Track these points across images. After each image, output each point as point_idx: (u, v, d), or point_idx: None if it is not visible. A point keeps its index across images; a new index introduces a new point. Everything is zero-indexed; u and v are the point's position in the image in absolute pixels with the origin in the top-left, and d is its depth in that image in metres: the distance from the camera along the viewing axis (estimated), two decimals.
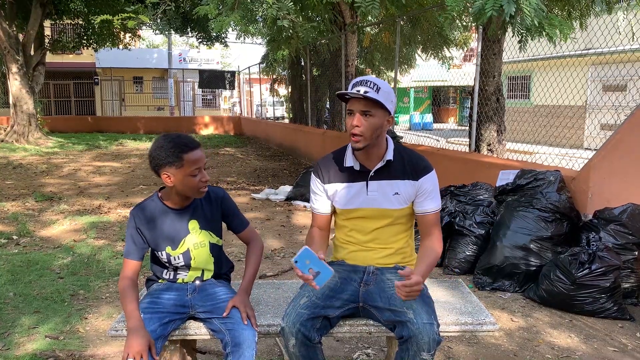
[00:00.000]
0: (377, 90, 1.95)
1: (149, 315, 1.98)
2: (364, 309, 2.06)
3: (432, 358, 1.90)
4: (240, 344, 1.93)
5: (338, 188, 2.13)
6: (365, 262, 2.15)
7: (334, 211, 2.21)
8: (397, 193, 2.07)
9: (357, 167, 2.09)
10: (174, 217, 2.09)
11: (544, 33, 4.50)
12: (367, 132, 1.97)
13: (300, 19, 8.12)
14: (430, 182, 2.10)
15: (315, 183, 2.19)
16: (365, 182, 2.08)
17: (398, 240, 2.16)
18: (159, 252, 2.11)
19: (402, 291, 1.84)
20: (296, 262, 1.88)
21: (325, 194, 2.16)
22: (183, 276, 2.16)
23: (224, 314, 2.00)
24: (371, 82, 1.97)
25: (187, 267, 2.14)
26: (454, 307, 2.25)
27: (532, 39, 5.43)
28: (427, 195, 2.10)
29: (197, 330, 2.09)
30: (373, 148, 2.05)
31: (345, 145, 2.16)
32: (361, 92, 1.93)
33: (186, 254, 2.11)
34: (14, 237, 5.09)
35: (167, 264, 2.14)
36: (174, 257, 2.10)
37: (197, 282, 2.17)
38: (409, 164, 2.09)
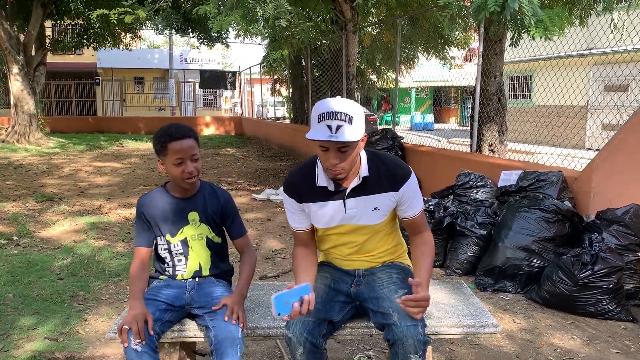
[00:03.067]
0: (351, 121, 1.79)
1: (148, 301, 2.04)
2: (361, 307, 2.07)
3: (423, 359, 1.86)
4: (223, 341, 1.94)
5: (314, 208, 2.02)
6: (353, 268, 2.15)
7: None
8: (377, 208, 2.00)
9: (331, 188, 1.98)
10: (176, 205, 2.17)
11: (540, 31, 4.44)
12: (347, 166, 1.88)
13: (299, 18, 8.09)
14: (411, 189, 2.00)
15: (290, 203, 2.06)
16: (342, 201, 1.99)
17: (383, 245, 2.13)
18: (160, 239, 2.16)
19: (409, 305, 1.79)
20: (279, 314, 1.76)
21: (302, 211, 2.06)
22: (182, 272, 2.18)
23: (214, 307, 2.02)
24: (343, 113, 1.78)
25: (186, 257, 2.17)
26: (455, 309, 2.23)
27: (532, 37, 5.40)
28: (410, 201, 2.02)
29: (196, 333, 2.08)
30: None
31: (314, 158, 2.03)
32: (332, 132, 1.78)
33: (184, 242, 2.17)
34: (14, 237, 5.08)
35: (167, 255, 2.18)
36: (174, 244, 2.16)
37: (197, 278, 2.19)
38: (386, 176, 1.98)
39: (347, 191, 1.98)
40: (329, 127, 1.78)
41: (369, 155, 2.02)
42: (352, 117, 1.80)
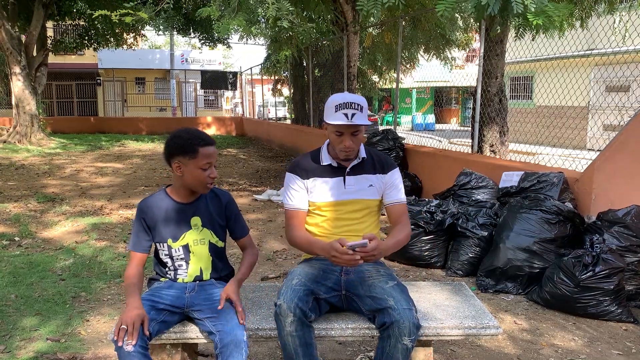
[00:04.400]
0: (361, 109, 2.18)
1: (145, 302, 2.05)
2: (346, 297, 2.16)
3: (413, 345, 1.98)
4: (228, 345, 1.95)
5: (317, 183, 2.30)
6: None
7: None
8: (372, 185, 2.31)
9: (334, 165, 2.30)
10: (178, 210, 2.16)
11: (544, 23, 4.46)
12: (357, 147, 2.27)
13: (300, 19, 8.09)
14: (396, 176, 2.34)
15: (294, 181, 2.32)
16: (342, 178, 2.29)
17: (371, 230, 2.32)
18: (161, 245, 2.16)
19: (352, 254, 1.99)
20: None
21: (305, 190, 2.31)
22: (183, 276, 2.18)
23: (219, 307, 2.03)
24: (355, 103, 2.17)
25: (187, 262, 2.17)
26: (457, 311, 2.23)
27: (536, 32, 5.38)
28: (394, 187, 2.33)
29: (198, 334, 2.09)
30: None
31: (319, 147, 2.37)
32: (349, 119, 2.15)
33: (186, 247, 2.16)
34: (16, 238, 5.09)
35: (168, 260, 2.18)
36: (175, 250, 2.15)
37: (198, 281, 2.19)
38: (377, 161, 2.34)
39: (347, 169, 2.29)
40: (345, 115, 2.16)
41: (365, 146, 2.38)
42: (362, 106, 2.19)
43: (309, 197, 2.30)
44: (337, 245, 2.01)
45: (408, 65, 13.99)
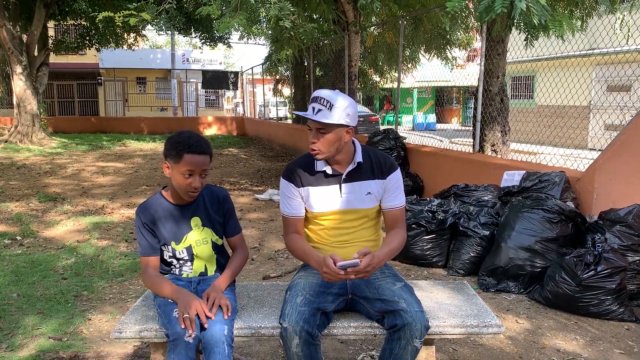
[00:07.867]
0: (330, 107, 2.02)
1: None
2: (352, 300, 2.13)
3: (421, 345, 1.97)
4: (208, 342, 1.92)
5: (312, 192, 2.19)
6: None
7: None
8: (370, 192, 2.18)
9: (329, 172, 2.18)
10: (176, 213, 2.15)
11: (550, 31, 4.51)
12: (323, 147, 2.09)
13: (302, 19, 8.09)
14: (396, 179, 2.21)
15: (288, 188, 2.22)
16: (338, 185, 2.18)
17: (370, 235, 2.26)
18: (165, 247, 2.16)
19: (345, 273, 1.93)
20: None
21: (301, 197, 2.22)
22: (188, 272, 2.21)
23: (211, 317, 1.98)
24: (324, 99, 2.03)
25: (191, 261, 2.18)
26: (459, 310, 2.23)
27: (536, 39, 5.43)
28: (393, 191, 2.21)
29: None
30: (339, 155, 2.15)
31: None
32: (312, 113, 2.03)
33: (189, 249, 2.16)
34: (18, 237, 5.09)
35: (172, 260, 2.19)
36: (179, 252, 2.16)
37: (201, 277, 2.21)
38: (376, 164, 2.20)
39: (343, 176, 2.17)
40: (313, 109, 2.05)
41: (364, 148, 2.23)
42: (332, 104, 2.03)
43: (306, 205, 2.23)
44: (330, 262, 1.94)
45: (409, 65, 13.99)
